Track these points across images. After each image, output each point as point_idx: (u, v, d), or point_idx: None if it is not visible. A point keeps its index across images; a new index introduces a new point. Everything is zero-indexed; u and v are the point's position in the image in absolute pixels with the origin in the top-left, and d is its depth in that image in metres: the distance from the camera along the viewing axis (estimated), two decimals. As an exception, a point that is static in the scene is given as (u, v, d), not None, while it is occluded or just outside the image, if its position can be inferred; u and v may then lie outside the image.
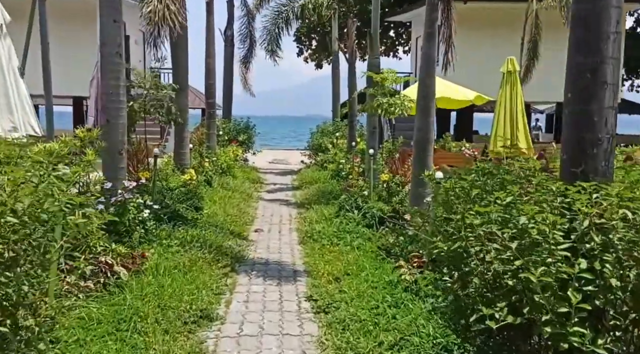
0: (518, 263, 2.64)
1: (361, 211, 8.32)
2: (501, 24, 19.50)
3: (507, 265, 2.76)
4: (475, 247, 3.02)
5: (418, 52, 27.46)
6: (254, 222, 9.33)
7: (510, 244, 2.74)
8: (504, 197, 3.06)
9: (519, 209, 2.96)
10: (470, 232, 3.11)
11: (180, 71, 10.08)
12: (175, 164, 10.16)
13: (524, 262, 2.63)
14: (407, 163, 8.31)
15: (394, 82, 8.48)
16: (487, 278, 2.93)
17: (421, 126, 6.77)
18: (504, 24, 19.43)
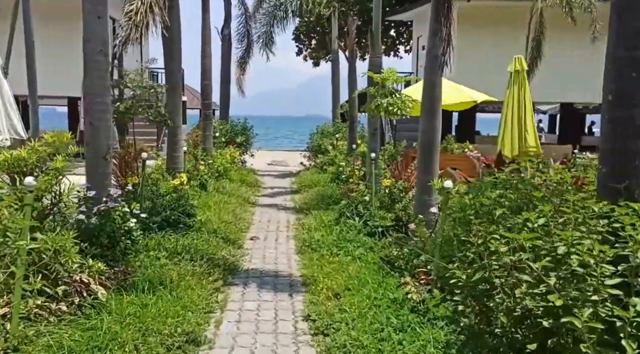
0: (557, 302, 2.18)
1: (362, 218, 7.89)
2: (503, 23, 19.08)
3: (542, 302, 2.31)
4: (500, 279, 2.58)
5: (419, 52, 27.09)
6: (249, 229, 8.90)
7: (546, 278, 2.29)
8: (534, 218, 2.62)
9: (553, 233, 2.51)
10: (494, 260, 2.67)
11: (172, 69, 9.63)
12: (168, 167, 9.72)
13: (565, 301, 2.18)
14: (411, 167, 7.88)
15: (394, 82, 8.04)
16: (515, 315, 2.49)
17: (426, 129, 6.34)
18: (506, 22, 19.01)
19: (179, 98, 9.77)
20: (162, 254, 6.16)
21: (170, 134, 9.77)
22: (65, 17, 14.84)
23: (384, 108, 7.69)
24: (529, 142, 9.40)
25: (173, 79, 9.69)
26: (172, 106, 9.73)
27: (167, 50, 9.57)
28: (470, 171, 14.00)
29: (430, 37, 6.35)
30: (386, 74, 7.87)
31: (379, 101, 7.54)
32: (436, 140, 6.35)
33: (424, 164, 6.36)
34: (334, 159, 14.66)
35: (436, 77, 6.27)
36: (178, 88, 9.74)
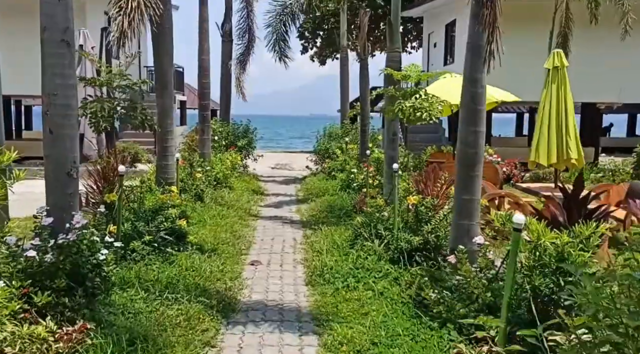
0: None
1: (383, 240, 6.68)
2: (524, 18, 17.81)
3: None
4: None
5: (430, 48, 25.86)
6: (250, 251, 7.69)
7: None
8: None
9: None
10: None
11: (163, 65, 8.44)
12: (157, 178, 8.53)
13: None
14: (440, 180, 6.66)
15: (419, 80, 6.81)
16: None
17: (467, 138, 5.13)
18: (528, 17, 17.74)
19: (170, 98, 8.57)
20: (140, 294, 4.96)
21: (159, 140, 8.58)
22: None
23: (408, 113, 6.47)
24: (572, 150, 8.20)
25: (164, 77, 8.50)
26: (162, 107, 8.54)
27: (157, 43, 8.38)
28: (492, 178, 12.78)
29: (470, 23, 5.14)
30: (409, 70, 6.64)
31: (403, 105, 6.31)
32: (480, 151, 5.13)
33: (464, 181, 5.14)
34: (343, 165, 13.46)
35: (479, 73, 5.05)
36: (169, 86, 8.54)
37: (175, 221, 6.24)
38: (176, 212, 6.29)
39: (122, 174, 5.58)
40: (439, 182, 6.58)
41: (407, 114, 6.53)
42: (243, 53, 16.75)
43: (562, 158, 8.48)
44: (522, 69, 16.12)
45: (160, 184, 8.51)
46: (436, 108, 6.33)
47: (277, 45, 15.36)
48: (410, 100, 6.41)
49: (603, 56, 18.18)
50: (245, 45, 16.73)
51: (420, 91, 6.54)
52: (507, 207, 8.59)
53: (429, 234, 6.24)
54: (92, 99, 6.51)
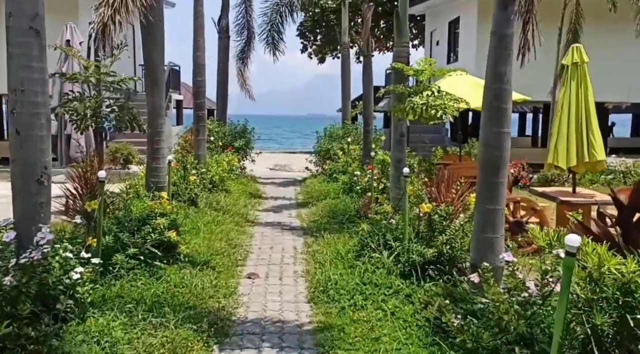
0: None
1: (392, 252, 6.07)
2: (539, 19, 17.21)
3: None
4: None
5: (433, 46, 25.23)
6: (247, 262, 7.09)
7: None
8: None
9: None
10: None
11: (153, 61, 7.81)
12: (147, 182, 7.92)
13: None
14: (454, 187, 6.05)
15: (431, 76, 6.17)
16: None
17: (490, 139, 4.53)
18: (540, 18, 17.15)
19: (161, 96, 7.96)
20: (120, 319, 4.35)
21: (150, 141, 7.96)
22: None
23: (419, 111, 5.87)
24: (597, 152, 7.61)
25: (154, 73, 7.87)
26: (152, 106, 7.92)
27: (147, 36, 7.76)
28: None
29: (497, 8, 4.53)
30: (422, 65, 6.02)
31: (415, 102, 5.70)
32: (505, 155, 4.54)
33: (488, 189, 4.54)
34: (345, 166, 12.86)
35: (504, 66, 4.46)
36: (160, 84, 7.93)
37: (163, 233, 5.63)
38: (165, 222, 5.68)
39: (103, 179, 4.97)
40: (454, 188, 5.98)
41: (418, 113, 5.93)
42: (243, 49, 16.12)
43: (582, 161, 7.87)
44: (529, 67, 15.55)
45: (150, 189, 7.90)
46: (451, 106, 5.71)
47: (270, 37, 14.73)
48: (422, 97, 5.82)
49: (613, 54, 17.61)
50: (245, 41, 16.12)
51: (432, 87, 5.95)
52: (523, 213, 8.00)
53: (443, 245, 5.64)
54: (74, 96, 5.89)
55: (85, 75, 5.92)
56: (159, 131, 8.00)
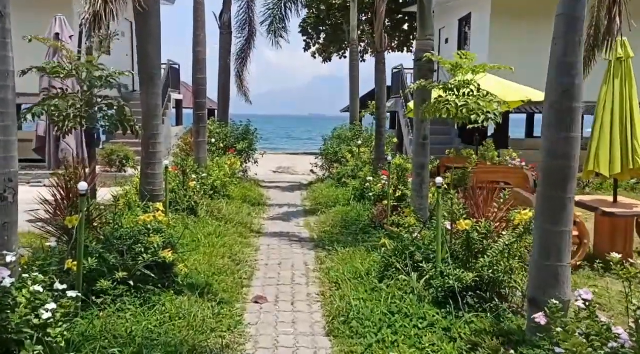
0: None
1: (422, 274, 5.25)
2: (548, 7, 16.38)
3: None
4: None
5: (442, 45, 24.40)
6: (253, 281, 6.27)
7: None
8: None
9: None
10: None
11: (148, 54, 7.01)
12: (142, 191, 7.11)
13: None
14: (495, 200, 5.22)
15: (471, 72, 5.29)
16: None
17: (555, 146, 3.71)
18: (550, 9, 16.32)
19: (158, 95, 7.15)
20: (100, 369, 3.53)
21: (144, 144, 7.16)
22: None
23: (454, 112, 5.03)
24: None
25: (150, 68, 7.07)
26: (147, 105, 7.12)
27: (141, 27, 6.96)
28: (522, 186, 11.37)
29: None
30: (460, 59, 5.15)
31: (452, 102, 4.84)
32: (575, 165, 3.72)
33: (552, 207, 3.72)
34: (356, 171, 12.05)
35: (575, 55, 3.64)
36: (156, 80, 7.12)
37: (157, 253, 4.80)
38: (159, 241, 4.86)
39: (84, 193, 4.15)
40: (495, 201, 5.15)
41: (452, 114, 5.10)
42: (243, 48, 15.32)
43: (627, 167, 7.06)
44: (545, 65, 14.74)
45: (144, 198, 7.10)
46: (495, 109, 4.86)
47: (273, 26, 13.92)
48: (461, 97, 4.99)
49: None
50: (245, 39, 15.31)
51: (472, 85, 5.12)
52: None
53: (485, 269, 4.82)
54: (55, 93, 5.08)
55: (69, 69, 5.08)
56: (155, 133, 7.19)
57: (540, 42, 14.80)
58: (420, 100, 7.27)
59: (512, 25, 16.72)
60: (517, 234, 4.72)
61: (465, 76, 5.19)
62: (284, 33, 14.45)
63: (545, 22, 4.93)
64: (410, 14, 30.56)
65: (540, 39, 16.05)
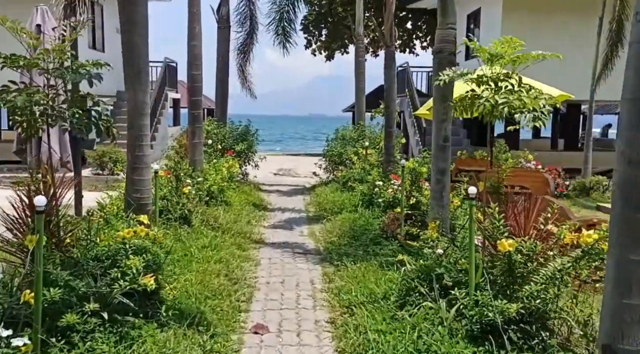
0: None
1: (453, 302, 4.44)
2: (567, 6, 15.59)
3: None
4: None
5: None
6: (252, 304, 5.46)
7: None
8: None
9: None
10: None
11: (133, 45, 6.18)
12: (127, 200, 6.30)
13: None
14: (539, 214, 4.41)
15: (512, 62, 4.40)
16: None
17: (636, 153, 2.91)
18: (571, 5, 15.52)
19: (145, 91, 6.32)
20: None
21: (129, 147, 6.35)
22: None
23: (487, 110, 4.20)
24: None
25: (136, 59, 6.25)
26: (133, 103, 6.30)
27: (125, 15, 6.14)
28: (542, 192, 10.59)
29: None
30: (501, 46, 4.29)
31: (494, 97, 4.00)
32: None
33: (633, 230, 2.92)
34: (363, 173, 11.25)
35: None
36: (143, 75, 6.29)
37: (136, 279, 3.98)
38: (139, 264, 4.04)
39: (42, 210, 3.34)
40: (533, 216, 4.34)
41: (486, 112, 4.27)
42: (245, 42, 14.47)
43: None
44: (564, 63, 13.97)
45: (130, 207, 6.28)
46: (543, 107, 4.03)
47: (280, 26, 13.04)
48: (500, 92, 4.16)
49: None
50: (247, 33, 14.47)
51: (512, 79, 4.29)
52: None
53: (532, 298, 4.01)
54: (16, 87, 4.26)
55: (33, 59, 4.27)
56: (142, 134, 6.37)
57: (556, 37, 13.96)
58: (441, 96, 6.48)
59: (525, 20, 15.92)
60: (574, 258, 3.91)
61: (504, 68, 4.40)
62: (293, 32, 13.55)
63: (562, 14, 4.21)
64: (414, 12, 29.71)
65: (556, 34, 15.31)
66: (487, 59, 4.46)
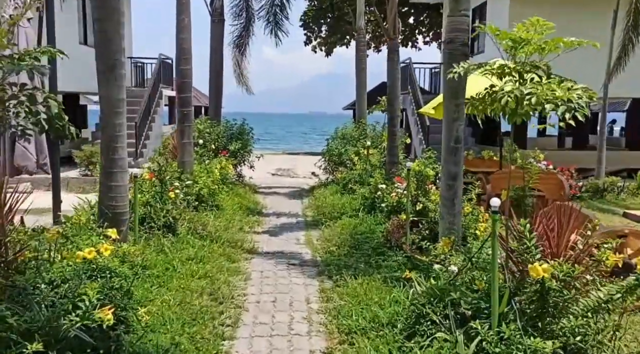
0: None
1: (471, 334, 3.74)
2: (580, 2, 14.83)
3: None
4: None
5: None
6: (238, 330, 4.76)
7: None
8: None
9: None
10: None
11: (106, 35, 5.50)
12: (100, 209, 5.61)
13: None
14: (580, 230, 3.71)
15: (540, 50, 3.68)
16: None
17: None
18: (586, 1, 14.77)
19: (120, 87, 5.63)
20: None
21: (103, 148, 5.67)
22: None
23: (503, 107, 3.49)
24: None
25: (109, 51, 5.56)
26: (107, 100, 5.62)
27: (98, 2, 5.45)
28: (556, 195, 9.88)
29: None
30: (524, 31, 3.59)
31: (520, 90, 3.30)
32: None
33: None
34: (364, 176, 10.57)
35: None
36: (117, 70, 5.59)
37: (89, 313, 3.28)
38: (93, 293, 3.34)
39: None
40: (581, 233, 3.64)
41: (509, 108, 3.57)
42: (241, 34, 13.73)
43: None
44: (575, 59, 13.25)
45: (104, 216, 5.60)
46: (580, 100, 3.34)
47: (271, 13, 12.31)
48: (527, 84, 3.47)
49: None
50: (243, 26, 13.73)
51: (540, 69, 3.60)
52: (630, 252, 5.66)
53: (569, 333, 3.31)
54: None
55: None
56: (117, 134, 5.68)
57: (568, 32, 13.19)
58: (452, 92, 5.78)
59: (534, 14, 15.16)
60: (624, 287, 3.21)
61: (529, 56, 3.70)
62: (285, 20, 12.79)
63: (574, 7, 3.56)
64: (417, 6, 28.96)
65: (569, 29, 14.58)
66: (508, 47, 3.75)
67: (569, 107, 3.30)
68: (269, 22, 12.92)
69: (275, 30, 12.91)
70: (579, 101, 3.37)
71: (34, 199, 4.88)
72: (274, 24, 12.82)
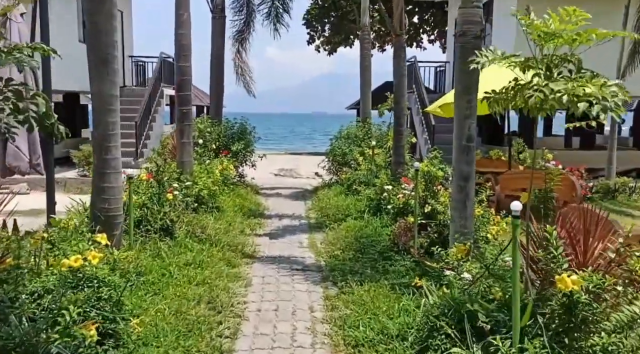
0: None
1: (490, 351, 3.43)
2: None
3: None
4: None
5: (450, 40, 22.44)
6: (237, 342, 4.45)
7: None
8: None
9: None
10: None
11: (98, 29, 5.21)
12: (92, 211, 5.32)
13: None
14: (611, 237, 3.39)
15: (572, 42, 3.32)
16: None
17: None
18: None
19: (113, 83, 5.34)
20: None
21: (96, 147, 5.38)
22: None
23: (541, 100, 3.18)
24: None
25: (101, 45, 5.27)
26: (99, 97, 5.33)
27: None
28: (567, 197, 9.56)
29: None
30: (558, 21, 3.26)
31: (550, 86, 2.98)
32: None
33: None
34: (369, 176, 10.25)
35: None
36: (110, 62, 5.30)
37: (69, 330, 2.98)
38: (74, 310, 3.04)
39: None
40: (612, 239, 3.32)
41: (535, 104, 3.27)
42: (242, 30, 13.41)
43: None
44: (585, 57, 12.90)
45: (96, 220, 5.31)
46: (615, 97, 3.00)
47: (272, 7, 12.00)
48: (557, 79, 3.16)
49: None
50: (243, 21, 13.42)
51: (570, 62, 3.29)
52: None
53: (600, 353, 3.00)
54: None
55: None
56: (110, 133, 5.39)
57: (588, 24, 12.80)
58: (464, 88, 5.47)
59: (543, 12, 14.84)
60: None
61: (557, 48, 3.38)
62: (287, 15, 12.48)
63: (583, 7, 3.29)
64: (421, 4, 28.63)
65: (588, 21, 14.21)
66: (538, 38, 3.44)
67: (604, 107, 2.98)
68: (269, 16, 12.59)
69: (275, 23, 12.57)
70: (614, 99, 3.05)
71: (31, 200, 4.61)
72: (274, 17, 12.49)
